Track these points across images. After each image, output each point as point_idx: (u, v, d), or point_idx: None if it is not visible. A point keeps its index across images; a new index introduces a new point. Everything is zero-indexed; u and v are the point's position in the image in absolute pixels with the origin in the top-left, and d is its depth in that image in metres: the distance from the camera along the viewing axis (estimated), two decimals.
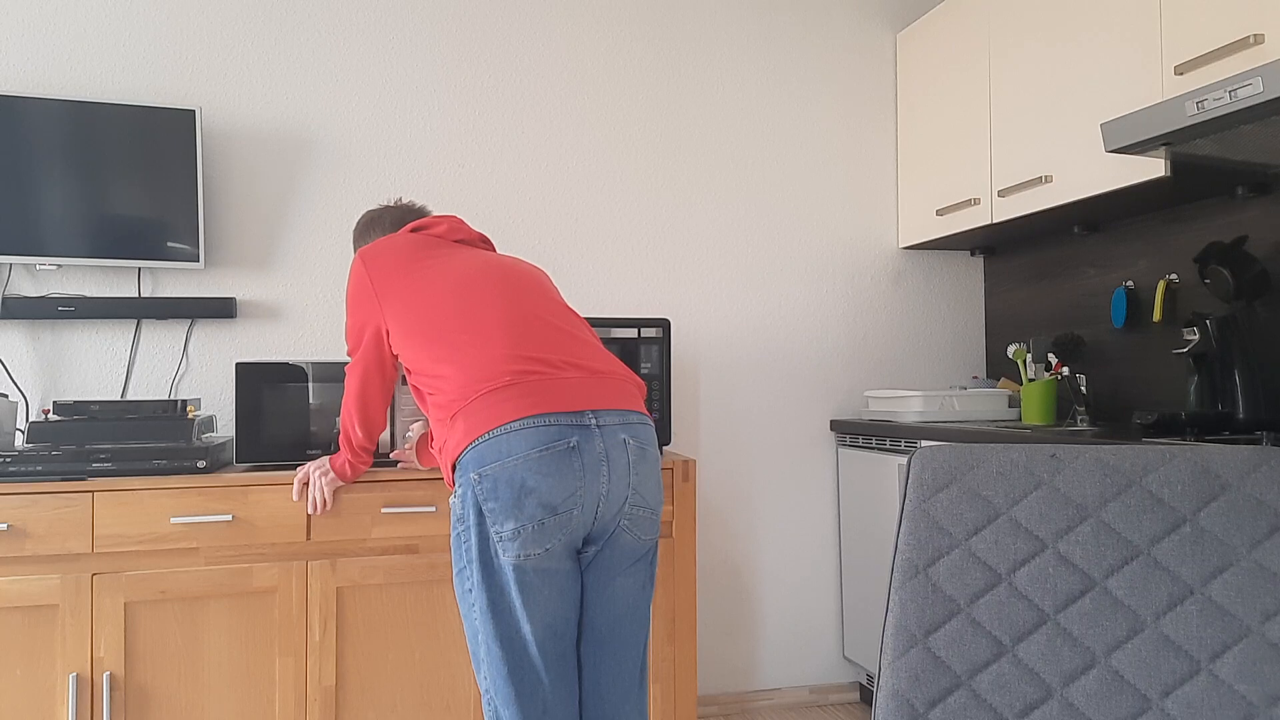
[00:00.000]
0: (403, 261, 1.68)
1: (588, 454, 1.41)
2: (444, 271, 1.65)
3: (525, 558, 1.39)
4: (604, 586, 1.50)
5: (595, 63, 2.77)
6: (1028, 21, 2.38)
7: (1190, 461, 0.95)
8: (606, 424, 1.45)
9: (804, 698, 2.85)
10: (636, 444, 1.48)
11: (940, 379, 3.03)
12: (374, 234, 1.95)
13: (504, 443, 1.40)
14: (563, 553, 1.43)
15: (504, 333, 1.51)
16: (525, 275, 1.70)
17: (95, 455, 1.95)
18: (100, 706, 1.89)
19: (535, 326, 1.54)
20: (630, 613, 1.53)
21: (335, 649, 2.02)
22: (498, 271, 1.66)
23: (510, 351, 1.47)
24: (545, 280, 1.76)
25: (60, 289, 2.38)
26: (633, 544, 1.50)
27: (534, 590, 1.41)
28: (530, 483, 1.38)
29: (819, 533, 2.89)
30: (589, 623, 1.52)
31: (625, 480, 1.45)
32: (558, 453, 1.39)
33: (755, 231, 2.88)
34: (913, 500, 1.00)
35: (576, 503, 1.41)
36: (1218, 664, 0.88)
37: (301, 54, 2.55)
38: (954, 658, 0.93)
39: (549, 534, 1.39)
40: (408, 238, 1.76)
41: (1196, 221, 2.28)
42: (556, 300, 1.69)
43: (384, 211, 1.98)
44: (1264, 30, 1.72)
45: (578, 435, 1.41)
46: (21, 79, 2.37)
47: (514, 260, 1.77)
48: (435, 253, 1.70)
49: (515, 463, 1.38)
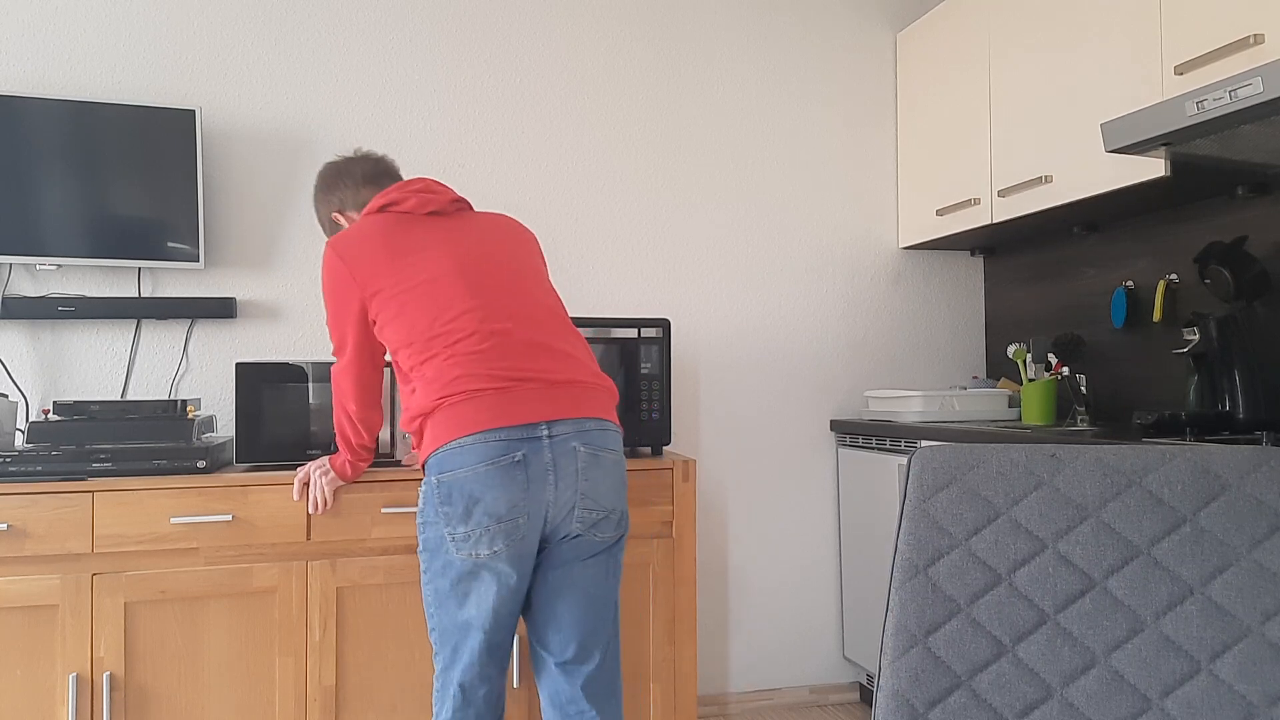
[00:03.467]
0: (379, 250, 1.65)
1: (534, 465, 1.53)
2: (420, 266, 1.63)
3: (474, 556, 1.53)
4: (563, 578, 1.62)
5: (595, 62, 2.77)
6: (1028, 21, 2.38)
7: (1190, 461, 0.95)
8: (558, 434, 1.55)
9: (804, 698, 2.85)
10: (588, 450, 1.57)
11: (940, 379, 3.03)
12: (341, 189, 1.87)
13: (458, 455, 1.52)
14: (511, 554, 1.54)
15: (473, 344, 1.57)
16: (502, 264, 1.68)
17: (95, 455, 1.95)
18: (100, 706, 1.89)
19: (503, 338, 1.59)
20: (592, 601, 1.64)
21: (335, 649, 2.02)
22: (474, 268, 1.65)
23: (474, 368, 1.56)
24: (523, 260, 1.73)
25: (60, 289, 2.38)
26: (590, 541, 1.61)
27: (479, 582, 1.55)
28: (477, 493, 1.51)
29: (819, 533, 2.89)
30: (550, 613, 1.63)
31: (573, 486, 1.56)
32: (502, 466, 1.51)
33: (755, 231, 2.88)
34: (913, 500, 1.00)
35: (522, 512, 1.53)
36: (1218, 664, 0.88)
37: (301, 54, 2.56)
38: (954, 658, 0.93)
39: (495, 539, 1.52)
40: (378, 222, 1.69)
41: (1196, 221, 2.28)
42: (530, 292, 1.68)
43: (348, 164, 1.89)
44: (1264, 30, 1.72)
45: (525, 448, 1.52)
46: (21, 79, 2.37)
47: (491, 239, 1.72)
48: (410, 239, 1.66)
49: (465, 474, 1.51)
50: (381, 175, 1.88)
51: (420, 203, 1.72)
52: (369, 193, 1.86)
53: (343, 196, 1.87)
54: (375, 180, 1.87)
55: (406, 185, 1.74)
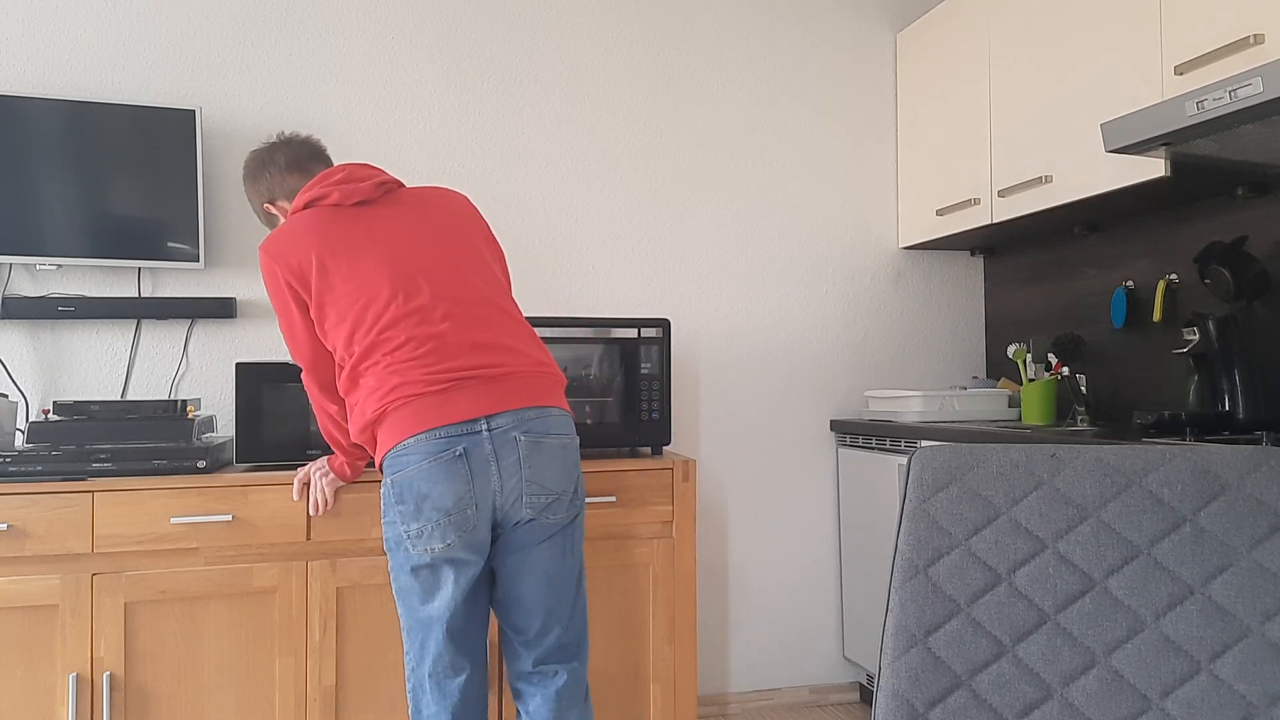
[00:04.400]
0: (308, 252, 1.64)
1: (475, 458, 1.57)
2: (351, 269, 1.63)
3: (429, 551, 1.58)
4: (521, 561, 1.66)
5: (595, 63, 2.77)
6: (1028, 21, 2.38)
7: (1190, 461, 0.95)
8: (497, 426, 1.59)
9: (804, 698, 2.85)
10: (529, 439, 1.61)
11: (940, 379, 3.03)
12: (267, 178, 1.83)
13: (404, 456, 1.57)
14: (462, 545, 1.58)
15: (409, 351, 1.60)
16: (436, 256, 1.67)
17: (95, 455, 1.95)
18: (100, 706, 1.89)
19: (439, 340, 1.60)
20: (552, 581, 1.68)
21: (335, 649, 2.02)
22: (406, 265, 1.64)
23: (411, 374, 1.58)
24: (457, 244, 1.71)
25: (60, 289, 2.38)
26: (542, 525, 1.65)
27: (437, 574, 1.60)
28: (424, 489, 1.56)
29: (819, 533, 2.89)
30: (512, 595, 1.68)
31: (517, 474, 1.60)
32: (445, 461, 1.55)
33: (755, 231, 2.88)
34: (913, 500, 1.00)
35: (469, 503, 1.57)
36: (1218, 664, 0.88)
37: (301, 54, 2.56)
38: (954, 658, 0.93)
39: (446, 531, 1.57)
40: (305, 220, 1.67)
41: (1196, 221, 2.28)
42: (467, 282, 1.67)
43: (272, 151, 1.84)
44: (1264, 30, 1.72)
45: (465, 443, 1.56)
46: (21, 79, 2.37)
47: (423, 226, 1.70)
48: (338, 236, 1.65)
49: (412, 472, 1.56)
50: (306, 159, 1.84)
51: (345, 194, 1.69)
52: (295, 180, 1.82)
53: (270, 186, 1.83)
54: (299, 165, 1.83)
55: (328, 177, 1.71)
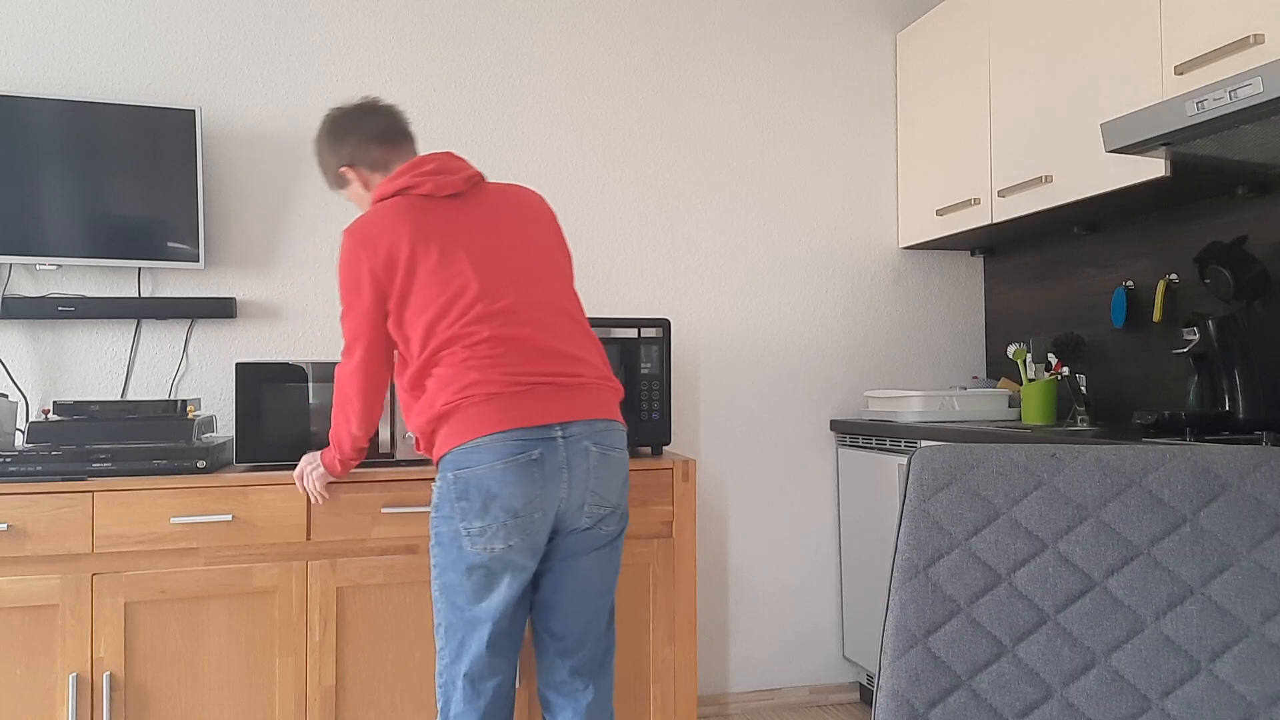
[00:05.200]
0: (399, 242, 1.61)
1: (549, 464, 1.57)
2: (440, 262, 1.62)
3: (489, 550, 1.57)
4: (568, 568, 1.68)
5: (595, 63, 2.77)
6: (1028, 21, 2.38)
7: (1190, 461, 0.95)
8: (572, 434, 1.60)
9: (804, 698, 2.85)
10: (599, 450, 1.63)
11: (940, 379, 3.03)
12: (352, 143, 1.78)
13: (475, 453, 1.56)
14: (524, 549, 1.59)
15: (489, 349, 1.59)
16: (521, 258, 1.67)
17: (95, 455, 1.95)
18: (100, 706, 1.89)
19: (519, 344, 1.61)
20: (594, 591, 1.71)
21: (335, 649, 2.02)
22: (492, 264, 1.64)
23: (490, 373, 1.58)
24: (540, 249, 1.72)
25: (60, 289, 2.38)
26: (595, 535, 1.68)
27: (493, 576, 1.59)
28: (494, 489, 1.55)
29: (819, 533, 2.89)
30: (554, 600, 1.70)
31: (585, 484, 1.61)
32: (520, 464, 1.56)
33: (755, 231, 2.88)
34: (913, 500, 1.00)
35: (537, 507, 1.57)
36: (1218, 664, 0.88)
37: (301, 54, 2.55)
38: (954, 658, 0.93)
39: (510, 533, 1.57)
40: (396, 208, 1.65)
41: (1196, 221, 2.28)
42: (548, 289, 1.68)
43: (361, 115, 1.80)
44: (1264, 30, 1.72)
45: (541, 447, 1.57)
46: (21, 79, 2.37)
47: (509, 225, 1.70)
48: (430, 229, 1.63)
49: (483, 470, 1.55)
50: (396, 136, 1.80)
51: (437, 186, 1.68)
52: (381, 152, 1.78)
53: (353, 151, 1.78)
54: (388, 139, 1.79)
55: (419, 166, 1.69)
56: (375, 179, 1.79)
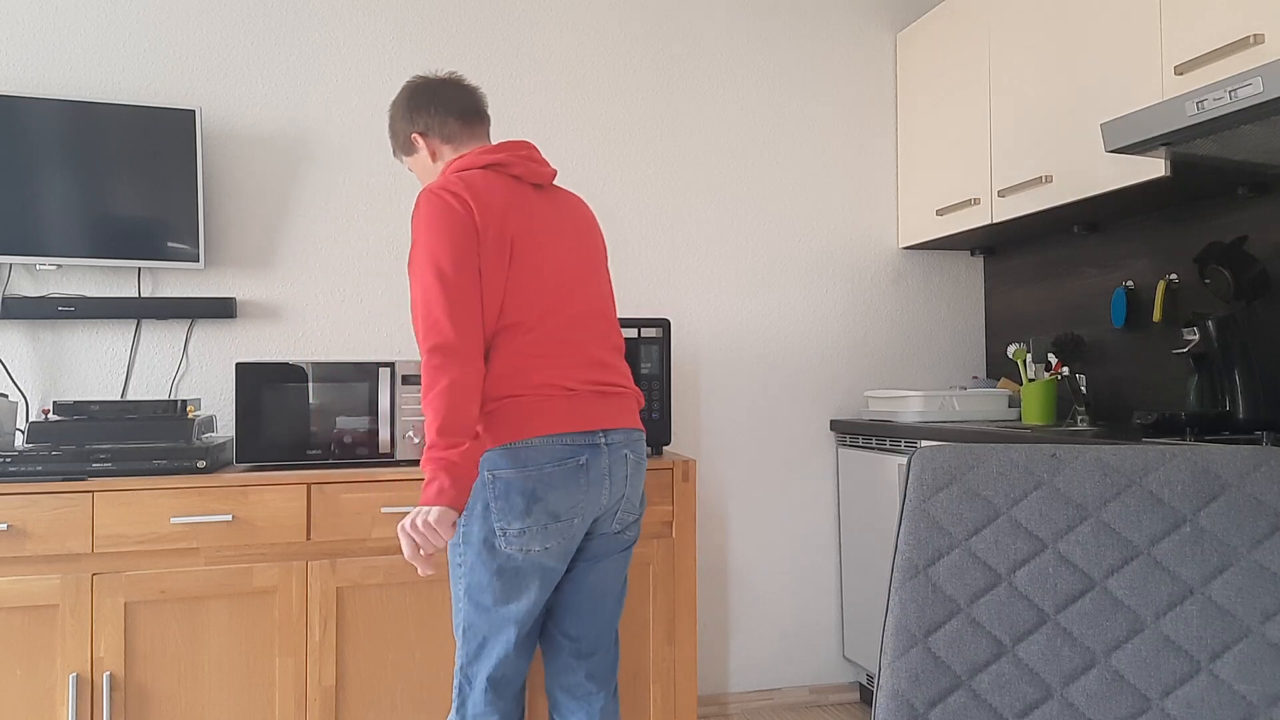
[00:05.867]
0: (494, 211, 1.55)
1: (594, 470, 1.58)
2: (523, 246, 1.58)
3: (525, 551, 1.56)
4: (590, 570, 1.69)
5: (595, 63, 2.77)
6: (1028, 21, 2.38)
7: (1190, 461, 0.95)
8: (614, 442, 1.62)
9: (804, 698, 2.85)
10: (635, 458, 1.66)
11: (940, 379, 3.03)
12: (429, 113, 1.73)
13: (522, 454, 1.54)
14: (559, 552, 1.59)
15: (549, 348, 1.59)
16: (586, 267, 1.67)
17: (95, 455, 1.95)
18: (100, 706, 1.89)
19: (576, 348, 1.61)
20: (609, 593, 1.73)
21: (335, 649, 2.02)
22: (565, 266, 1.63)
23: (548, 374, 1.57)
24: (597, 261, 1.72)
25: (60, 289, 2.38)
26: (619, 539, 1.71)
27: (525, 578, 1.58)
28: (540, 493, 1.54)
29: (819, 533, 2.89)
30: (574, 602, 1.70)
31: (621, 490, 1.64)
32: (568, 469, 1.55)
33: (755, 231, 2.88)
34: (913, 500, 1.00)
35: (578, 513, 1.58)
36: (1218, 664, 0.88)
37: (301, 54, 2.55)
38: (954, 658, 0.93)
39: (550, 536, 1.56)
40: (490, 180, 1.59)
41: (1196, 221, 2.28)
42: (604, 300, 1.70)
43: (443, 86, 1.74)
44: (1264, 30, 1.72)
45: (588, 454, 1.57)
46: (21, 79, 2.37)
47: (578, 232, 1.69)
48: (520, 211, 1.59)
49: (529, 473, 1.53)
50: (473, 113, 1.75)
51: (529, 172, 1.66)
52: (457, 127, 1.73)
53: (429, 121, 1.73)
54: (467, 116, 1.74)
55: (515, 148, 1.66)
56: (445, 151, 1.73)
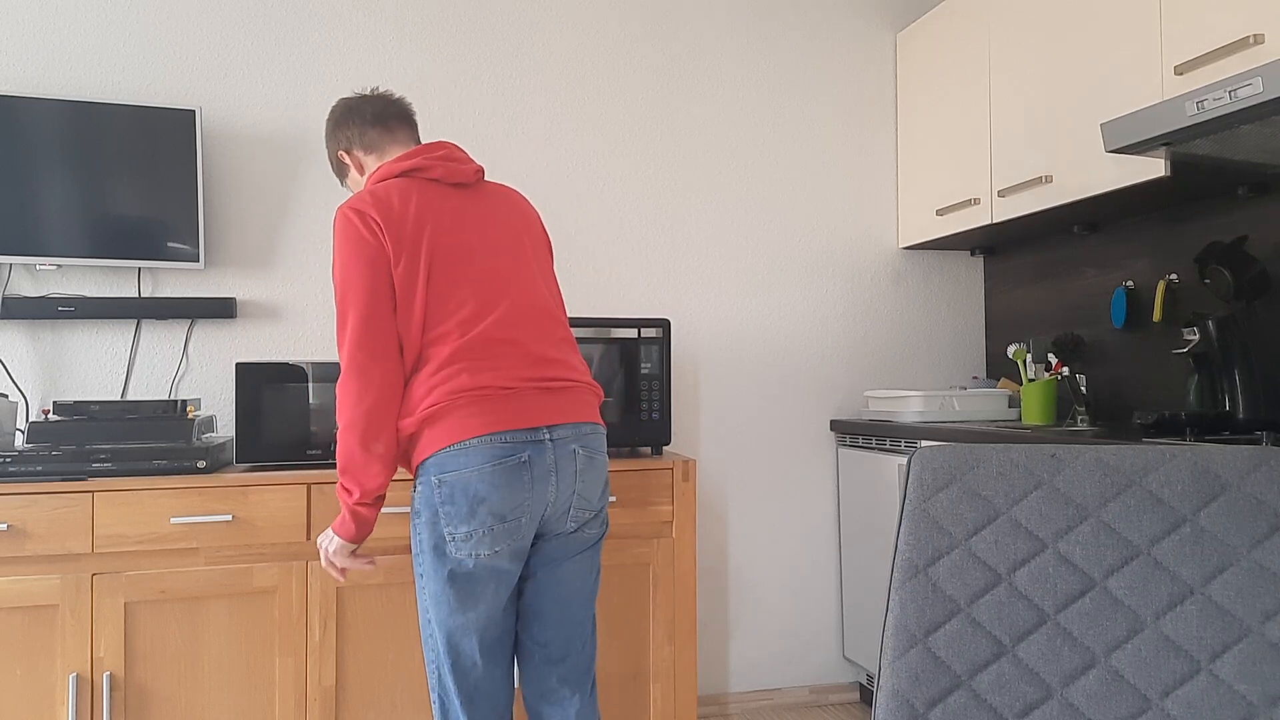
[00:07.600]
0: (402, 219, 1.55)
1: (538, 467, 1.54)
2: (442, 250, 1.57)
3: (475, 555, 1.53)
4: (552, 573, 1.65)
5: (595, 63, 2.77)
6: (1028, 21, 2.38)
7: (1190, 461, 0.95)
8: (559, 437, 1.57)
9: (804, 698, 2.85)
10: (585, 453, 1.61)
11: (940, 379, 3.03)
12: (349, 126, 1.74)
13: (463, 456, 1.51)
14: (509, 554, 1.56)
15: (481, 349, 1.56)
16: (517, 261, 1.65)
17: (95, 455, 1.95)
18: (100, 706, 1.89)
19: (511, 346, 1.58)
20: (576, 595, 1.68)
21: (335, 649, 2.02)
22: (491, 263, 1.61)
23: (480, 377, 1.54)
24: (532, 253, 1.69)
25: (60, 289, 2.38)
26: (578, 538, 1.65)
27: (479, 583, 1.55)
28: (482, 493, 1.51)
29: (819, 533, 2.89)
30: (539, 607, 1.66)
31: (571, 487, 1.59)
32: (509, 467, 1.52)
33: (755, 231, 2.88)
34: (913, 500, 1.00)
35: (524, 511, 1.54)
36: (1218, 664, 0.88)
37: (302, 54, 2.55)
38: (954, 658, 0.93)
39: (498, 539, 1.53)
40: (402, 188, 1.59)
41: (1196, 221, 2.28)
42: (539, 293, 1.66)
43: (361, 102, 1.75)
44: (1264, 30, 1.72)
45: (530, 450, 1.54)
46: (21, 79, 2.37)
47: (507, 226, 1.67)
48: (435, 214, 1.58)
49: (471, 474, 1.51)
50: (392, 118, 1.75)
51: (448, 172, 1.64)
52: (376, 134, 1.73)
53: (350, 135, 1.74)
54: (383, 121, 1.74)
55: (431, 150, 1.65)
56: (370, 162, 1.73)
